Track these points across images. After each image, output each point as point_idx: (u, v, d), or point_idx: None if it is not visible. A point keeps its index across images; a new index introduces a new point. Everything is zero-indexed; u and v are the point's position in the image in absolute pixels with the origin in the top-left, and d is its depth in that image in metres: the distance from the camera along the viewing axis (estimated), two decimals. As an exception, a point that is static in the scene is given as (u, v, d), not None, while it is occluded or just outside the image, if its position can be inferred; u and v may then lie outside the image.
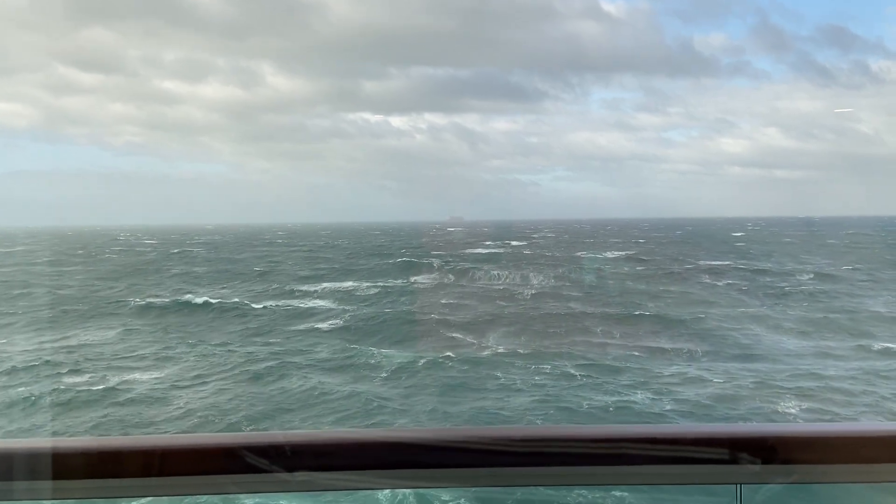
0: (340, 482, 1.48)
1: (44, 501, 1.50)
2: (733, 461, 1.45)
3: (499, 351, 26.56)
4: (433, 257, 71.34)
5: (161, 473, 1.44)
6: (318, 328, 33.13)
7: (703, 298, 39.91)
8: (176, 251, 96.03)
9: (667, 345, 27.28)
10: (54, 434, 18.85)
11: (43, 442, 1.45)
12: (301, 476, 1.44)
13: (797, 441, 1.48)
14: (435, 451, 1.46)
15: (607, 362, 24.28)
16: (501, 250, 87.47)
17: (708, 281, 49.31)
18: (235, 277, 56.90)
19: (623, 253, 76.96)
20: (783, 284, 45.49)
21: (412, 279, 53.66)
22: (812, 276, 49.91)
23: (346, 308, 38.73)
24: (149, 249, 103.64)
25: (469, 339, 29.10)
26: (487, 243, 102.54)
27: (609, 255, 75.69)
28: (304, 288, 47.91)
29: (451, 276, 55.93)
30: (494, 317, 34.44)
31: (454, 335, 29.83)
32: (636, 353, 25.85)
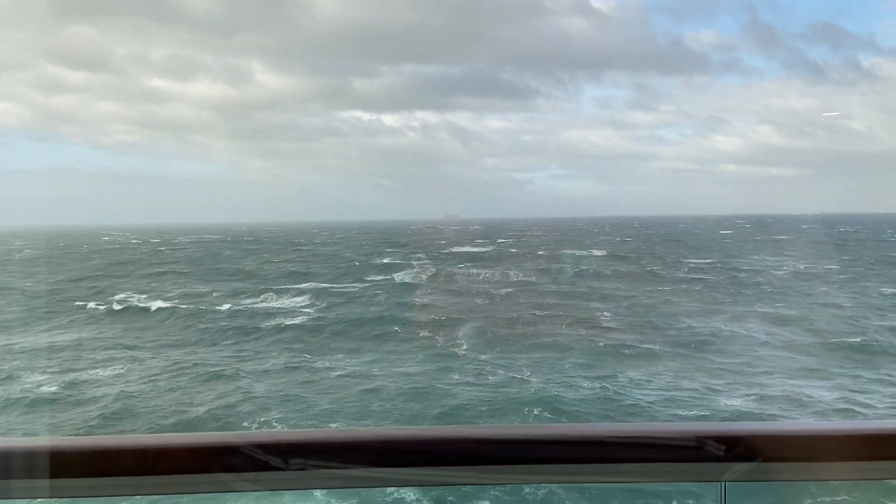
0: (337, 480, 1.49)
1: (41, 500, 1.48)
2: (719, 459, 1.46)
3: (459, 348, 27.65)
4: (413, 256, 73.34)
5: (156, 471, 1.44)
6: (286, 324, 33.60)
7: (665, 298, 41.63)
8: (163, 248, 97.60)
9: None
10: (51, 432, 18.87)
11: (40, 441, 1.45)
12: (296, 474, 1.44)
13: (783, 440, 1.50)
14: (432, 450, 1.47)
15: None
16: (487, 248, 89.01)
17: (681, 276, 52.88)
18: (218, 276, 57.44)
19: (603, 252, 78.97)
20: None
21: (391, 276, 54.57)
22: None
23: (315, 306, 39.74)
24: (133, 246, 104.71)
25: (424, 333, 30.61)
26: (478, 241, 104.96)
27: (589, 252, 78.05)
28: (280, 287, 48.41)
29: (429, 272, 57.15)
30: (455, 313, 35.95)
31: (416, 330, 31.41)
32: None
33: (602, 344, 27.71)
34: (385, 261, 69.68)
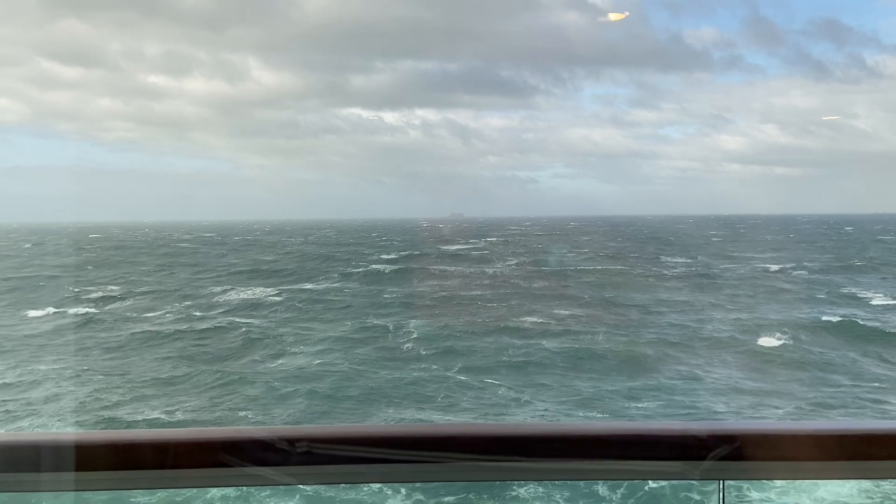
0: (348, 476, 1.53)
1: (67, 492, 1.50)
2: (718, 457, 1.46)
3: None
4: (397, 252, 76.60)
5: (176, 466, 1.46)
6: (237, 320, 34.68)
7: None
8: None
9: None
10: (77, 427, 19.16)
11: (66, 435, 1.48)
12: (309, 469, 1.47)
13: (779, 439, 1.51)
14: (432, 446, 1.47)
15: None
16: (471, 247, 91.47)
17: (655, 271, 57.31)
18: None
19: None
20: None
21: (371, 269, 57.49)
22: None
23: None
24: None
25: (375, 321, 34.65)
26: (472, 240, 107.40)
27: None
28: (252, 284, 50.38)
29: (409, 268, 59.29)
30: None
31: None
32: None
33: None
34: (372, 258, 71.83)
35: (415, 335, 30.43)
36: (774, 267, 57.67)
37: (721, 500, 1.52)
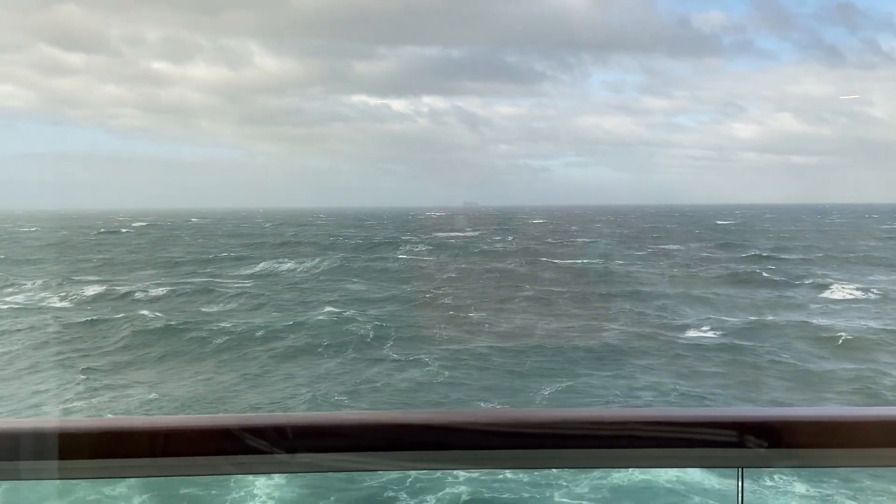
0: (342, 463, 1.49)
1: (50, 481, 1.48)
2: (738, 444, 1.45)
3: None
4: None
5: (165, 454, 1.44)
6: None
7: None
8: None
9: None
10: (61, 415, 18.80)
11: (49, 422, 1.46)
12: (303, 457, 1.45)
13: (801, 425, 1.48)
14: (439, 433, 1.46)
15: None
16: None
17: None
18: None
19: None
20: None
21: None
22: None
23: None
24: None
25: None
26: (467, 229, 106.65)
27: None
28: (234, 271, 50.54)
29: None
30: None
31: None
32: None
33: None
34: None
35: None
36: None
37: (740, 489, 1.53)
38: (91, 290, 38.69)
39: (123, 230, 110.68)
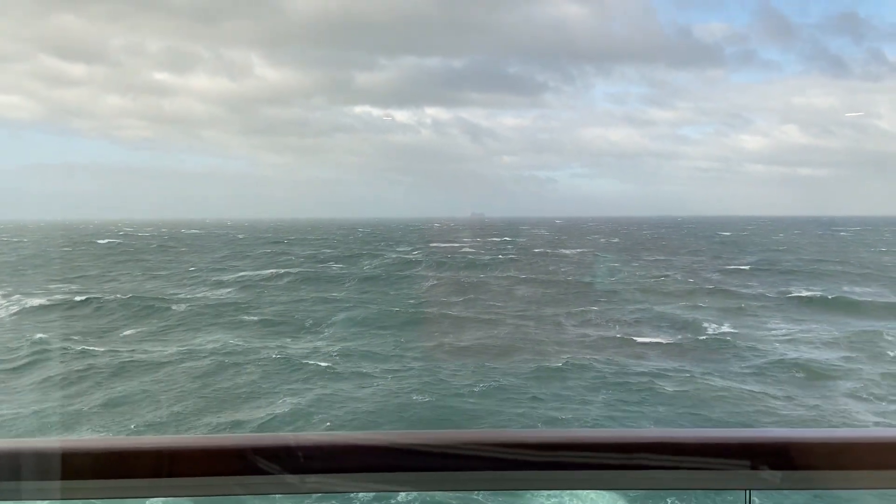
0: (351, 485, 1.47)
1: (52, 502, 1.46)
2: (746, 467, 1.43)
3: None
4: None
5: (170, 474, 1.42)
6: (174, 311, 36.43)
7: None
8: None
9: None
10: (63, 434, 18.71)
11: (51, 442, 1.45)
12: (311, 479, 1.43)
13: (810, 447, 1.46)
14: (448, 455, 1.44)
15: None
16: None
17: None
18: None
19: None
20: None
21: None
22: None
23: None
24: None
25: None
26: (465, 239, 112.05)
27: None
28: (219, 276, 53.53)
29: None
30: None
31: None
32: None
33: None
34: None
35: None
36: None
37: None
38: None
39: (101, 241, 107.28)
